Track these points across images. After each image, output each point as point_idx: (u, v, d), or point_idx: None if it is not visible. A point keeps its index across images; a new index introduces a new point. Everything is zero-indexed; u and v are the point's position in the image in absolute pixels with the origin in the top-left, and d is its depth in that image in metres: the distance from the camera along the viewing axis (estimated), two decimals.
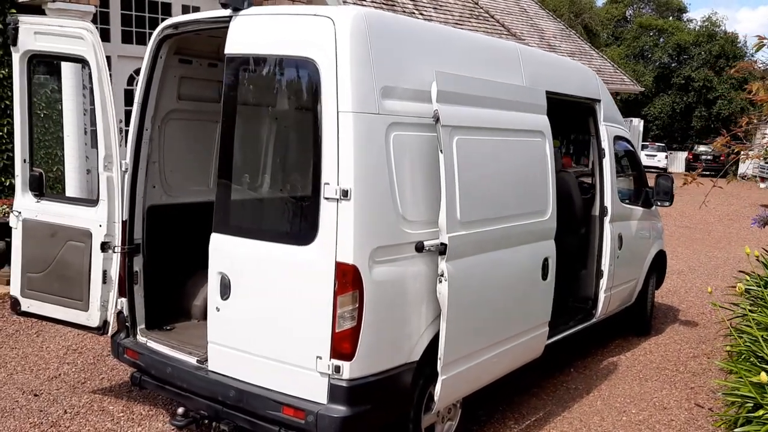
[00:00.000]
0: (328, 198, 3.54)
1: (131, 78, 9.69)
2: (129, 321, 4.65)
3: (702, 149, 35.03)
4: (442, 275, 3.80)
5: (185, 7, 10.10)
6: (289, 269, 3.73)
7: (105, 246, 4.55)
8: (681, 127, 42.03)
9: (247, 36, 3.92)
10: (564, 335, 5.59)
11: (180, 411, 4.13)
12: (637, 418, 5.24)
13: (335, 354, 3.57)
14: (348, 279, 3.53)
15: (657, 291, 7.73)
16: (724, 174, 6.41)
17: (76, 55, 4.55)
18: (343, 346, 3.56)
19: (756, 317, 5.20)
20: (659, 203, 6.99)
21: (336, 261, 3.53)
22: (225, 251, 3.96)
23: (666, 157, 35.08)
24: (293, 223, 4.04)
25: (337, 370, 3.56)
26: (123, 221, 4.57)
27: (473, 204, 4.09)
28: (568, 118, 6.16)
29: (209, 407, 4.05)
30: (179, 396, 4.27)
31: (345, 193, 3.49)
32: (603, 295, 6.01)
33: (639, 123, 27.57)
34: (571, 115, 6.27)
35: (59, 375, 5.52)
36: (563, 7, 38.59)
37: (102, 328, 4.64)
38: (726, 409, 4.99)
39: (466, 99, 4.11)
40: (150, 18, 9.85)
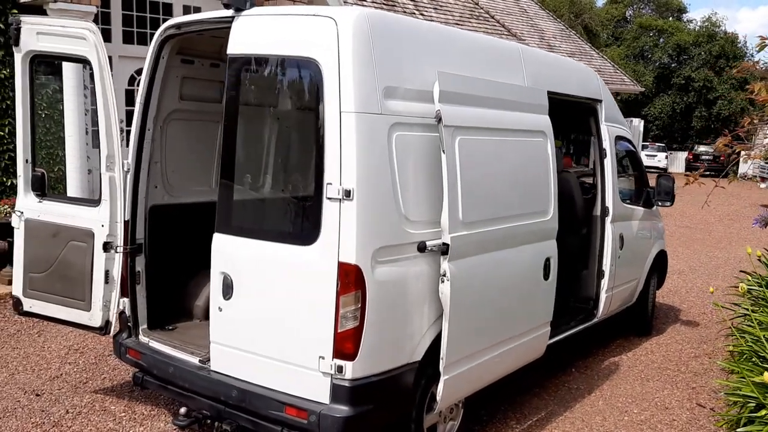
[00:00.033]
0: (330, 198, 3.54)
1: (132, 78, 9.70)
2: (131, 321, 4.65)
3: (702, 149, 35.04)
4: (444, 275, 3.80)
5: (186, 8, 10.11)
6: (292, 269, 3.73)
7: (107, 246, 4.55)
8: (681, 128, 42.06)
9: (250, 36, 3.92)
10: (565, 335, 5.59)
11: (182, 411, 4.14)
12: (639, 417, 5.24)
13: (338, 354, 3.57)
14: (350, 279, 3.53)
15: (658, 291, 7.73)
16: (725, 174, 6.41)
17: (78, 56, 4.56)
18: (346, 346, 3.56)
19: (758, 317, 5.20)
20: (660, 203, 7.00)
21: (338, 261, 3.53)
22: (227, 251, 3.96)
23: (666, 158, 35.09)
24: (296, 224, 4.04)
25: (340, 370, 3.56)
26: (125, 221, 4.57)
27: (475, 204, 4.09)
28: (569, 118, 6.16)
29: (211, 407, 4.05)
30: (181, 396, 4.28)
31: (347, 193, 3.50)
32: (604, 295, 6.01)
33: (639, 123, 27.60)
34: (573, 116, 6.27)
35: (61, 375, 5.53)
36: (563, 8, 38.61)
37: (104, 328, 4.65)
38: (728, 409, 4.99)
39: (468, 99, 4.11)
40: (151, 18, 9.86)
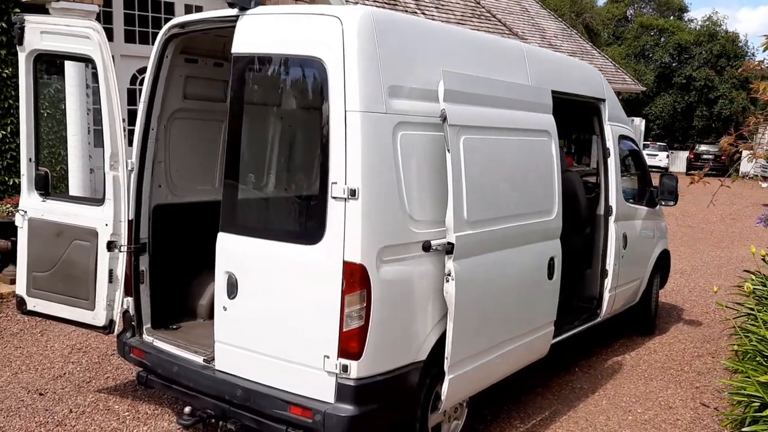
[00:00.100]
0: (335, 197, 3.53)
1: (134, 77, 9.70)
2: (135, 320, 4.65)
3: (703, 148, 35.00)
4: (449, 275, 3.79)
5: (188, 7, 10.11)
6: (297, 268, 3.72)
7: (111, 245, 4.54)
8: (682, 127, 42.04)
9: (254, 35, 3.91)
10: (569, 335, 5.59)
11: (187, 410, 4.13)
12: (643, 417, 5.23)
13: (343, 353, 3.56)
14: (355, 278, 3.53)
15: (661, 290, 7.73)
16: (729, 173, 6.42)
17: (82, 55, 4.54)
18: (351, 345, 3.56)
19: (763, 316, 5.20)
20: (663, 203, 6.99)
21: (343, 260, 3.53)
22: (232, 250, 3.95)
23: (667, 157, 35.05)
24: (300, 223, 4.04)
25: (345, 369, 3.56)
26: (129, 220, 4.56)
27: (480, 203, 4.09)
28: (572, 117, 6.16)
29: (216, 406, 4.05)
30: (186, 395, 4.27)
31: (353, 193, 3.49)
32: (607, 295, 6.01)
33: (640, 122, 27.56)
34: (576, 115, 6.26)
35: (64, 374, 5.52)
36: (564, 7, 38.56)
37: (108, 327, 4.64)
38: (732, 409, 4.98)
39: (473, 98, 4.11)
40: (153, 17, 9.86)
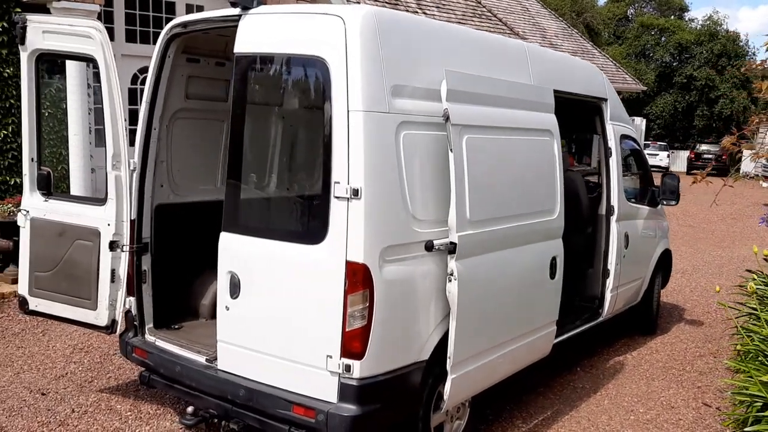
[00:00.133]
0: (338, 197, 3.53)
1: (135, 77, 9.70)
2: (137, 320, 4.65)
3: (704, 148, 34.99)
4: (451, 274, 3.79)
5: (189, 6, 10.11)
6: (299, 268, 3.72)
7: (113, 245, 4.54)
8: (683, 126, 42.01)
9: (257, 35, 3.91)
10: (571, 334, 5.59)
11: (189, 410, 4.13)
12: (645, 417, 5.23)
13: (345, 353, 3.56)
14: (358, 278, 3.52)
15: (662, 290, 7.72)
16: (733, 172, 6.44)
17: (84, 54, 4.54)
18: (354, 345, 3.56)
19: (765, 316, 5.19)
20: (665, 202, 6.98)
21: (346, 260, 3.52)
22: (234, 250, 3.95)
23: (668, 156, 35.03)
24: (303, 222, 4.03)
25: (348, 369, 3.55)
26: (131, 220, 4.57)
27: (483, 203, 4.08)
28: (574, 116, 6.16)
29: (219, 406, 4.05)
30: (188, 395, 4.27)
31: (355, 192, 3.49)
32: (609, 294, 6.01)
33: (641, 122, 27.58)
34: (578, 114, 6.26)
35: (66, 374, 5.52)
36: (565, 6, 38.56)
37: (110, 327, 4.64)
38: (734, 409, 4.98)
39: (475, 98, 4.10)
40: (154, 17, 9.86)
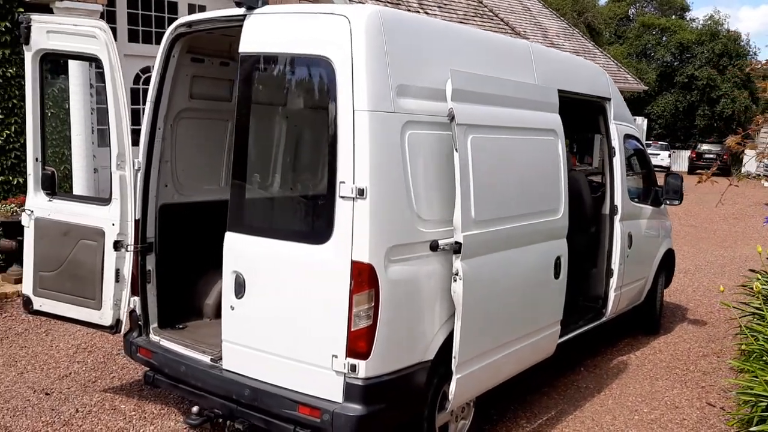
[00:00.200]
0: (343, 197, 3.52)
1: (137, 77, 9.70)
2: (142, 320, 4.64)
3: (705, 148, 34.95)
4: (456, 274, 3.79)
5: (191, 6, 10.11)
6: (305, 268, 3.72)
7: (118, 245, 4.54)
8: (684, 126, 41.96)
9: (262, 35, 3.91)
10: (575, 334, 5.58)
11: (194, 410, 4.13)
12: (649, 417, 5.23)
13: (351, 353, 3.56)
14: (364, 278, 3.52)
15: (665, 290, 7.72)
16: (729, 172, 6.45)
17: (89, 54, 4.54)
18: (359, 344, 3.55)
19: None
20: (668, 202, 6.98)
21: (352, 260, 3.52)
22: (239, 250, 3.95)
23: (669, 156, 35.01)
24: (308, 222, 4.03)
25: (353, 368, 3.55)
26: (136, 220, 4.56)
27: (488, 203, 4.08)
28: (578, 116, 6.15)
29: (223, 406, 4.05)
30: (193, 395, 4.27)
31: (360, 192, 3.48)
32: (613, 294, 6.01)
33: (642, 122, 27.56)
34: (581, 114, 6.26)
35: (70, 374, 5.52)
36: (566, 6, 38.54)
37: (115, 326, 4.65)
38: (739, 408, 4.98)
39: (480, 97, 4.10)
40: (156, 17, 9.86)
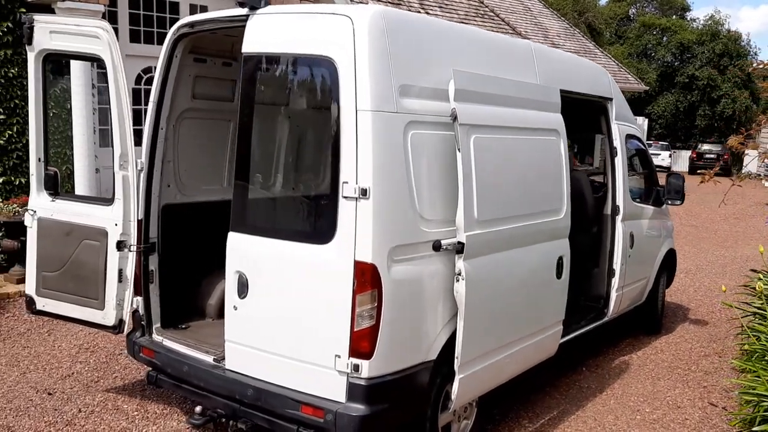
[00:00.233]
0: (346, 197, 3.53)
1: (139, 77, 9.70)
2: (144, 320, 4.65)
3: (706, 148, 34.95)
4: (459, 274, 3.79)
5: (193, 6, 10.11)
6: (308, 268, 3.72)
7: (121, 245, 4.54)
8: (684, 126, 41.95)
9: (264, 35, 3.91)
10: (577, 334, 5.59)
11: (198, 410, 4.13)
12: (651, 416, 5.23)
13: (354, 353, 3.56)
14: (367, 278, 3.53)
15: (667, 290, 7.72)
16: (730, 172, 6.47)
17: (92, 54, 4.54)
18: (362, 344, 3.56)
19: None
20: (670, 202, 6.99)
21: (355, 260, 3.53)
22: (242, 250, 3.95)
23: (670, 156, 35.01)
24: (311, 222, 4.04)
25: (356, 368, 3.56)
26: (138, 220, 4.56)
27: (490, 203, 4.08)
28: (580, 116, 6.15)
29: (226, 406, 4.05)
30: (196, 395, 4.27)
31: (364, 192, 3.49)
32: (615, 294, 6.01)
33: (643, 122, 27.56)
34: (583, 114, 6.26)
35: (72, 374, 5.53)
36: (567, 6, 38.51)
37: (118, 326, 4.64)
38: (741, 408, 4.98)
39: (483, 97, 4.10)
40: (158, 17, 9.87)
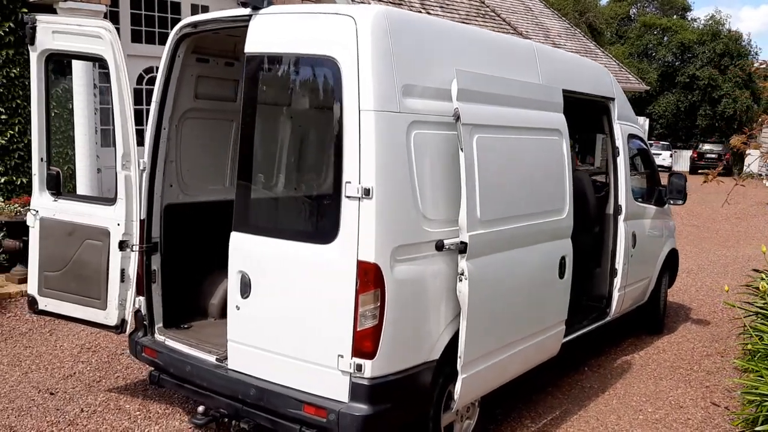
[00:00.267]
0: (349, 197, 3.53)
1: (140, 77, 9.71)
2: (147, 319, 4.65)
3: (707, 147, 34.95)
4: (462, 274, 3.79)
5: (194, 6, 10.11)
6: (310, 268, 3.72)
7: (123, 245, 4.54)
8: (685, 126, 41.95)
9: (267, 35, 3.91)
10: (579, 334, 5.58)
11: (200, 409, 4.13)
12: (654, 416, 5.23)
13: (357, 352, 3.56)
14: (369, 278, 3.52)
15: (669, 289, 7.72)
16: (731, 172, 6.49)
17: (94, 54, 4.54)
18: (365, 344, 3.56)
19: None
20: (672, 201, 6.99)
21: (357, 260, 3.53)
22: (245, 250, 3.95)
23: (671, 156, 35.01)
24: (314, 222, 4.04)
25: (359, 368, 3.55)
26: (141, 220, 4.57)
27: (493, 202, 4.08)
28: (582, 116, 6.15)
29: (229, 406, 4.05)
30: (198, 394, 4.27)
31: (366, 192, 3.49)
32: (617, 294, 6.00)
33: (644, 122, 27.54)
34: (585, 113, 6.26)
35: (74, 373, 5.53)
36: (567, 6, 38.50)
37: (120, 326, 4.65)
38: (744, 408, 4.98)
39: (485, 97, 4.10)
40: (159, 17, 9.87)
